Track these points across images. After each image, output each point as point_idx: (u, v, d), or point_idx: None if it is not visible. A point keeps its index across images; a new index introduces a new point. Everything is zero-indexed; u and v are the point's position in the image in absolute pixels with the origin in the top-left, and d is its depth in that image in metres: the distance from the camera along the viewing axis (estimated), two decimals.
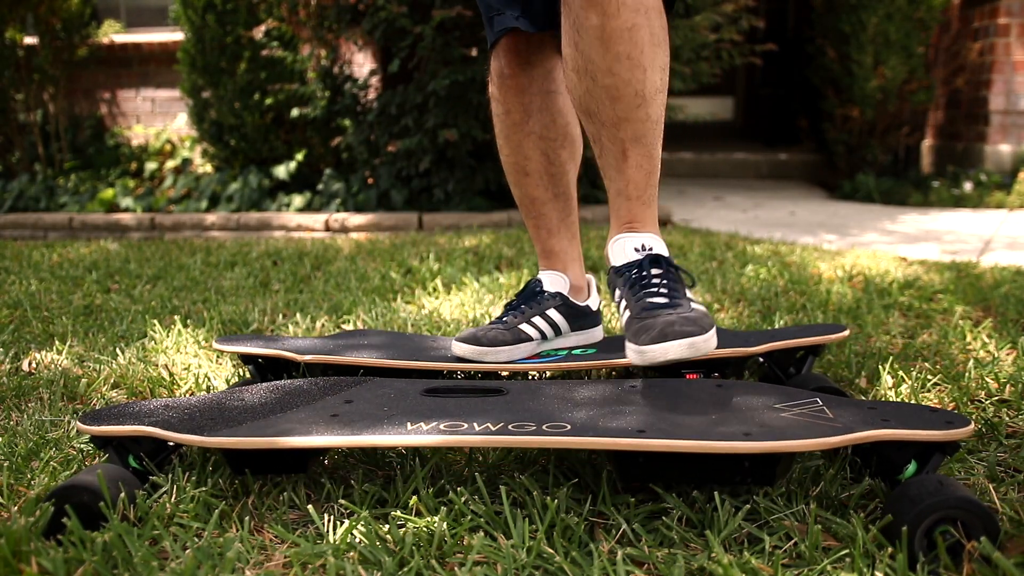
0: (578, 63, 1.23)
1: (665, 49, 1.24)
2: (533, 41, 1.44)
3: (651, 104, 1.23)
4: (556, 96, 1.49)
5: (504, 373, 1.42)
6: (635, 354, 1.16)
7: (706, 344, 1.12)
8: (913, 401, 1.38)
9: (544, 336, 1.48)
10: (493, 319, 1.45)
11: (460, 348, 1.40)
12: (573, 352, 1.48)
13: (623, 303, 1.24)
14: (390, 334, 1.67)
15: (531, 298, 1.49)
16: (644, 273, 1.22)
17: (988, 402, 1.35)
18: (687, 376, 1.37)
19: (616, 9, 1.17)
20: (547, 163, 1.51)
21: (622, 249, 1.27)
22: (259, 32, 4.13)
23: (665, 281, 1.22)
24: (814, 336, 1.45)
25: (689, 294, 1.24)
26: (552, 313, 1.48)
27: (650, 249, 1.25)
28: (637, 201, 1.28)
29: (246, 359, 1.53)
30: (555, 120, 1.49)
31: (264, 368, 1.53)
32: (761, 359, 1.51)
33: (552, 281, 1.52)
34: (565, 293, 1.51)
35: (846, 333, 1.47)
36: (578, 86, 1.25)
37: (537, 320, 1.47)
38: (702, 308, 1.20)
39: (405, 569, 0.88)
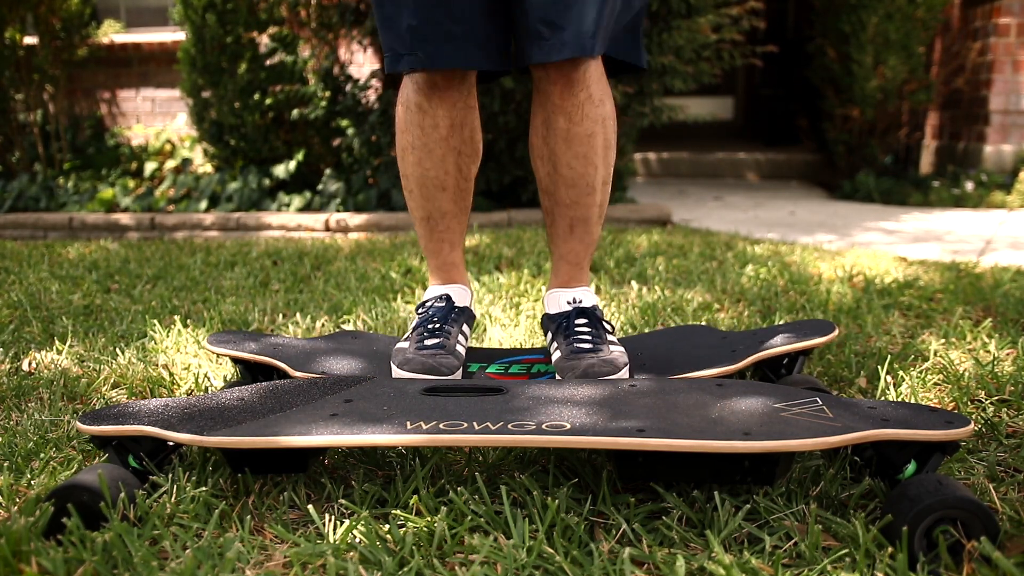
0: (543, 152, 1.45)
1: (614, 150, 1.47)
2: None
3: (598, 193, 1.47)
4: (475, 111, 1.49)
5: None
6: None
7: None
8: (913, 401, 1.38)
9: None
10: (423, 343, 1.41)
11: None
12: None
13: (554, 344, 1.45)
14: (383, 338, 1.65)
15: (448, 315, 1.49)
16: (571, 322, 1.44)
17: (988, 402, 1.35)
18: None
19: (580, 118, 1.40)
20: (461, 178, 1.52)
21: (556, 300, 1.50)
22: (263, 39, 4.09)
23: (589, 329, 1.42)
24: (802, 339, 1.44)
25: (611, 337, 1.44)
26: (464, 327, 1.50)
27: (580, 302, 1.48)
28: (575, 266, 1.52)
29: (236, 359, 1.52)
30: (472, 136, 1.50)
31: (255, 368, 1.51)
32: None
33: (459, 296, 1.54)
34: (469, 306, 1.54)
35: (835, 334, 1.46)
36: (540, 169, 1.47)
37: (460, 337, 1.47)
38: (620, 348, 1.40)
39: (405, 569, 0.88)
